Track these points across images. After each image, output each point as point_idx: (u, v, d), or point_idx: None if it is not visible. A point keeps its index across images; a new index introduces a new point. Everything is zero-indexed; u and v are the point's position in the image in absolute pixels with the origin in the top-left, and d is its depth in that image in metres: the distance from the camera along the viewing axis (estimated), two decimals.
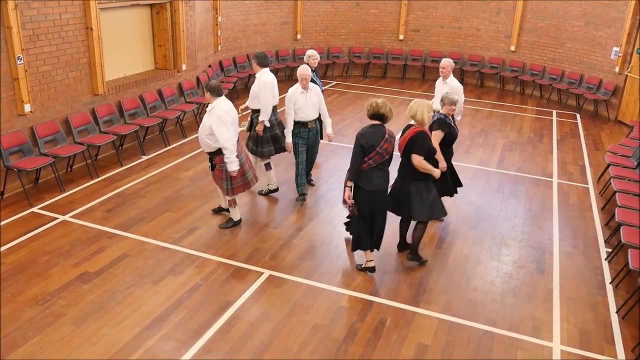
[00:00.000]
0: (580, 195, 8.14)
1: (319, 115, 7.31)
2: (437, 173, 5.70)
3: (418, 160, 5.57)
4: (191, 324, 4.94)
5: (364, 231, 5.66)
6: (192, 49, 10.72)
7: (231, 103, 6.34)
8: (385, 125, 5.47)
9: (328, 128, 7.41)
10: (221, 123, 6.04)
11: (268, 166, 7.54)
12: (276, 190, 7.63)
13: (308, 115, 7.08)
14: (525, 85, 14.51)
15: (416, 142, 5.54)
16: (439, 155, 6.13)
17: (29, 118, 7.42)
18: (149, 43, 10.13)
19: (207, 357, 4.56)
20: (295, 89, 7.02)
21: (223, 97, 6.22)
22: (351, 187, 5.53)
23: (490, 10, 14.60)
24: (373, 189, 5.49)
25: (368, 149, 5.35)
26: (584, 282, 5.91)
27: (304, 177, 7.45)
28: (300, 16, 14.84)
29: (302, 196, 7.47)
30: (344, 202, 5.67)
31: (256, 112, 7.33)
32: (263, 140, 7.34)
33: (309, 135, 7.22)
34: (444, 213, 6.15)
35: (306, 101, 7.03)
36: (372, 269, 5.81)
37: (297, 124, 7.10)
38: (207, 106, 6.28)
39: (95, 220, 6.72)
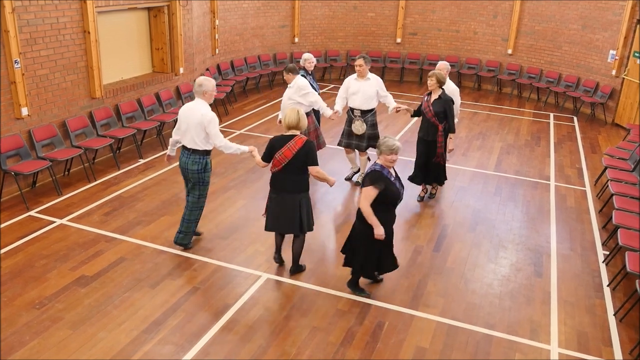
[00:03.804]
0: (578, 198, 8.15)
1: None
2: (331, 181, 5.61)
3: (317, 170, 5.41)
4: (189, 327, 4.93)
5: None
6: (190, 53, 10.72)
7: None
8: None
9: None
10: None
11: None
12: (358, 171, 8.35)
13: None
14: (523, 88, 14.54)
15: (309, 152, 5.35)
16: (373, 220, 4.96)
17: (26, 122, 7.41)
18: (147, 46, 10.13)
19: None
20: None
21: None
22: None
23: (488, 13, 14.64)
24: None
25: None
26: (582, 285, 5.91)
27: None
28: (298, 19, 14.86)
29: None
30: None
31: (367, 112, 7.81)
32: (374, 135, 7.87)
33: None
34: (300, 230, 5.60)
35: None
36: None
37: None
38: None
39: (93, 223, 6.71)
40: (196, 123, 5.71)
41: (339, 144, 8.19)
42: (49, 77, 7.66)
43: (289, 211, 5.45)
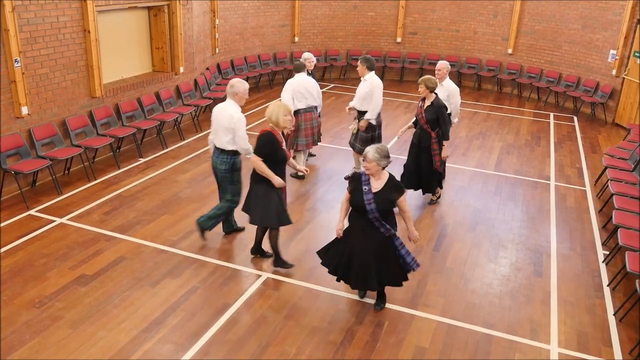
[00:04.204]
0: (578, 198, 8.15)
1: None
2: (276, 181, 5.47)
3: (255, 160, 5.48)
4: (189, 326, 4.93)
5: None
6: (190, 52, 10.72)
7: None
8: None
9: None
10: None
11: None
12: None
13: None
14: (523, 88, 14.54)
15: (257, 142, 5.48)
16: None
17: (26, 120, 7.41)
18: (147, 46, 10.13)
19: (204, 359, 4.56)
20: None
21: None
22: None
23: (488, 13, 14.63)
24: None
25: None
26: (582, 285, 5.91)
27: None
28: (298, 19, 14.85)
29: None
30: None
31: (363, 113, 7.73)
32: (365, 138, 7.72)
33: None
34: (278, 223, 5.67)
35: None
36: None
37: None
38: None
39: (93, 222, 6.71)
40: (224, 123, 5.82)
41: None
42: (49, 76, 7.65)
43: (263, 203, 5.70)
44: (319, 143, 8.66)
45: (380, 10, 15.45)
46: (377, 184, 4.87)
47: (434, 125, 7.06)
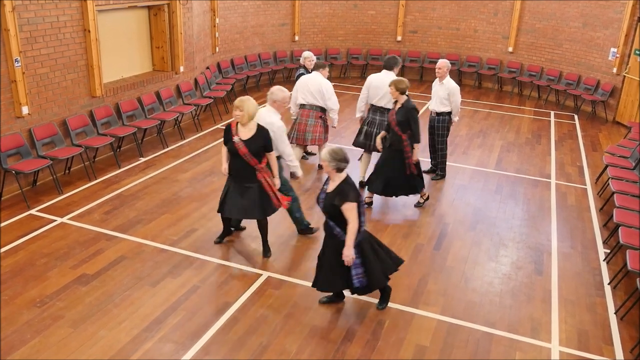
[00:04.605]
0: (579, 196, 8.15)
1: None
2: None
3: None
4: (189, 325, 4.93)
5: None
6: (190, 51, 10.72)
7: None
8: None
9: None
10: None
11: None
12: None
13: None
14: (523, 86, 14.53)
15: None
16: None
17: (26, 120, 7.42)
18: (147, 45, 10.12)
19: (205, 359, 4.55)
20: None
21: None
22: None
23: (488, 11, 14.62)
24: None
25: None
26: (582, 283, 5.91)
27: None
28: (298, 18, 14.84)
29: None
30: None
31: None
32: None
33: None
34: (246, 216, 5.90)
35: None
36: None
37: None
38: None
39: (93, 222, 6.71)
40: None
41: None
42: (49, 76, 7.65)
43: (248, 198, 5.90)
44: (309, 145, 8.47)
45: (380, 9, 15.44)
46: (331, 186, 4.83)
47: (404, 127, 6.83)
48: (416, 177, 7.17)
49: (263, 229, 6.02)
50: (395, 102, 7.03)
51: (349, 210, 4.66)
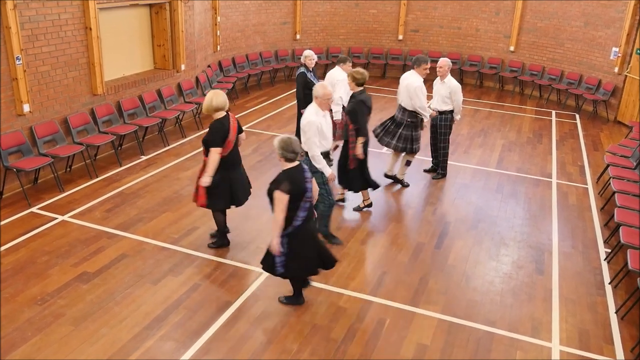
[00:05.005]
0: (580, 196, 8.14)
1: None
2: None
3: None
4: (190, 324, 4.93)
5: None
6: (191, 49, 10.71)
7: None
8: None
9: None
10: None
11: (409, 163, 8.12)
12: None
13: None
14: (525, 86, 14.51)
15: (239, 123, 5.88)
16: None
17: (27, 118, 7.42)
18: (148, 43, 10.12)
19: (206, 357, 4.56)
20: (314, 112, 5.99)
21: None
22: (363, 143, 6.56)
23: (490, 10, 14.60)
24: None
25: (370, 110, 6.70)
26: (583, 283, 5.91)
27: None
28: (300, 16, 14.83)
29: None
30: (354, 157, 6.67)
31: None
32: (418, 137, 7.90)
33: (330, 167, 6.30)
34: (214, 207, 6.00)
35: (328, 127, 6.14)
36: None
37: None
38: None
39: (95, 220, 6.72)
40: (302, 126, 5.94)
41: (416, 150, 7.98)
42: (50, 74, 7.65)
43: (247, 179, 6.06)
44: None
45: (382, 8, 15.43)
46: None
47: (352, 118, 6.66)
48: (360, 175, 6.89)
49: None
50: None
51: (277, 199, 4.64)
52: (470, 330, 5.04)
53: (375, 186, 7.04)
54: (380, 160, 8.80)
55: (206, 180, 5.65)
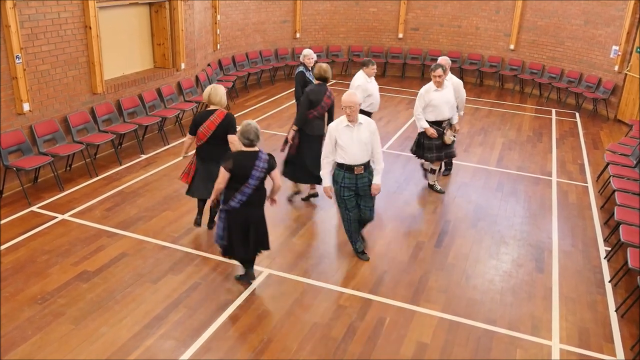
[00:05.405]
0: (580, 194, 8.14)
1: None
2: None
3: (235, 138, 5.82)
4: (190, 322, 4.93)
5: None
6: (191, 48, 10.71)
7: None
8: (327, 85, 6.92)
9: (375, 177, 5.80)
10: None
11: (433, 171, 7.84)
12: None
13: (355, 157, 5.64)
14: (525, 84, 14.51)
15: (230, 123, 5.94)
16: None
17: (27, 117, 7.42)
18: (148, 42, 10.12)
19: (206, 355, 4.56)
20: (337, 122, 5.67)
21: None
22: (296, 130, 6.84)
23: (490, 8, 14.59)
24: (314, 134, 6.90)
25: (315, 103, 6.75)
26: (583, 281, 5.91)
27: (355, 235, 6.05)
28: (300, 15, 14.82)
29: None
30: (285, 142, 6.98)
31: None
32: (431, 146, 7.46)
33: (357, 183, 5.75)
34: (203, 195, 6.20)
35: (352, 139, 5.58)
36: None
37: (339, 166, 5.73)
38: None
39: (95, 219, 6.72)
40: None
41: (430, 159, 7.60)
42: (50, 73, 7.65)
43: (214, 180, 5.80)
44: None
45: (382, 6, 15.42)
46: None
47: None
48: (289, 164, 7.11)
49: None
50: None
51: (220, 172, 5.07)
52: (470, 329, 5.04)
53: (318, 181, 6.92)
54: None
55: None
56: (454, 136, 7.59)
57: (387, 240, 6.53)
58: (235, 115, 6.53)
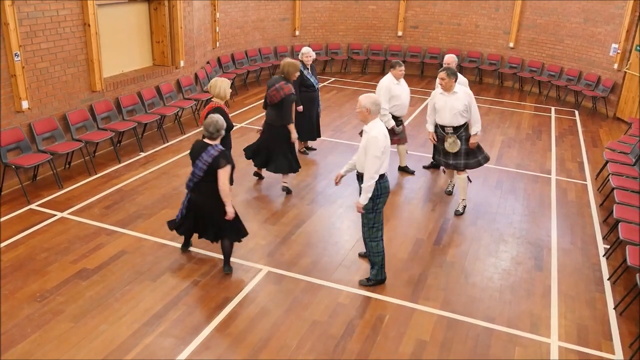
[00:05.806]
0: (579, 192, 8.15)
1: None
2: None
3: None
4: (190, 320, 4.94)
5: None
6: (190, 46, 10.69)
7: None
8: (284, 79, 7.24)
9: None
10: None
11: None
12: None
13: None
14: (524, 82, 14.51)
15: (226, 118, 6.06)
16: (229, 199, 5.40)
17: (26, 115, 7.41)
18: (147, 39, 10.10)
19: (205, 353, 4.56)
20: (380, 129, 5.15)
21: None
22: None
23: (489, 6, 14.59)
24: (265, 121, 7.53)
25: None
26: (582, 279, 5.92)
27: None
28: (299, 12, 14.81)
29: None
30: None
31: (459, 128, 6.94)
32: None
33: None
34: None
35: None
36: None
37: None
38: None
39: (94, 217, 6.71)
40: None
41: (438, 162, 7.50)
42: (49, 70, 7.64)
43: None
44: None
45: (381, 4, 15.40)
46: None
47: None
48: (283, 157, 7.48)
49: None
50: None
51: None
52: (469, 326, 5.05)
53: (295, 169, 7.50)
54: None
55: None
56: (458, 145, 6.98)
57: (386, 238, 6.52)
58: (235, 113, 6.53)
